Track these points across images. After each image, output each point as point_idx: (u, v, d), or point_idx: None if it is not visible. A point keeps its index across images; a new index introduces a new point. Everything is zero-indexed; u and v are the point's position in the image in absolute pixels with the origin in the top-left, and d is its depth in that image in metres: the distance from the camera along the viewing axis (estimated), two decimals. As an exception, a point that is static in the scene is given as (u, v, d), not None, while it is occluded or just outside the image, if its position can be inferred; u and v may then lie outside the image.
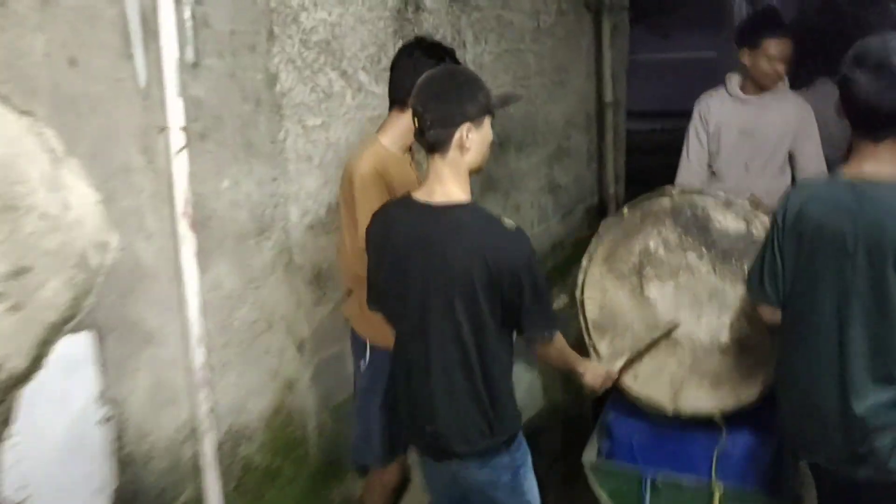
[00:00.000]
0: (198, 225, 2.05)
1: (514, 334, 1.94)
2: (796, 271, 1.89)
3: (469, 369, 1.83)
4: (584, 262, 2.59)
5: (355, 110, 2.76)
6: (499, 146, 3.98)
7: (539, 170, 4.49)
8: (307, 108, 2.53)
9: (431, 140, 1.78)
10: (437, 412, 1.87)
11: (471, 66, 3.60)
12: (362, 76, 2.78)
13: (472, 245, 1.78)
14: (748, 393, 2.32)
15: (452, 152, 1.78)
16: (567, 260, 4.99)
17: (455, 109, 1.76)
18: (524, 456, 2.00)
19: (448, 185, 1.81)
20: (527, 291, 1.79)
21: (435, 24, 3.23)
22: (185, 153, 1.98)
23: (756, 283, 2.02)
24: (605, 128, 5.17)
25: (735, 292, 2.36)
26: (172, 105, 1.93)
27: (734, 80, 3.19)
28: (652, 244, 2.49)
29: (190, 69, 2.02)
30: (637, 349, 2.40)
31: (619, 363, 2.34)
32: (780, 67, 3.01)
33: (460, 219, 1.81)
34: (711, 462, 2.40)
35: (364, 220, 2.05)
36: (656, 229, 2.50)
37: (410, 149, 2.37)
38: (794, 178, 3.16)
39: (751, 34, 3.06)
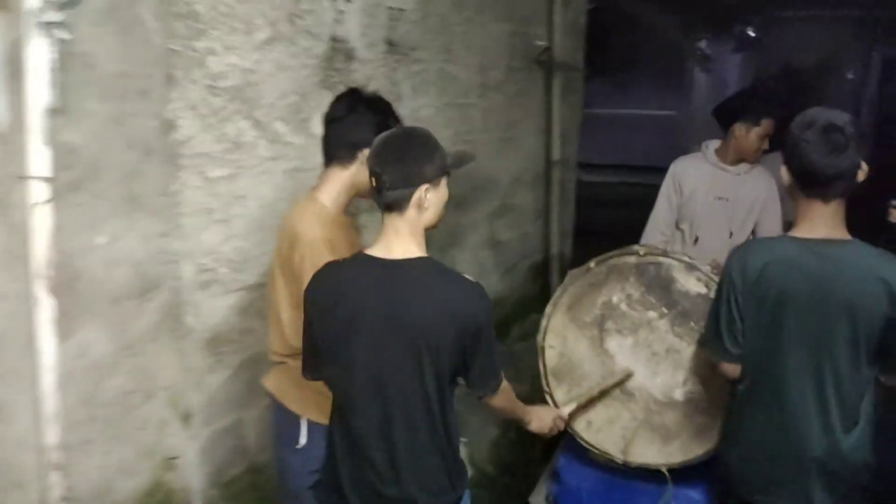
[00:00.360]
0: (62, 285, 1.83)
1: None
2: (758, 329, 1.99)
3: (433, 425, 1.81)
4: (549, 309, 2.64)
5: (269, 162, 2.57)
6: (435, 202, 3.84)
7: (480, 225, 4.34)
8: (210, 158, 2.34)
9: (390, 200, 1.77)
10: (402, 473, 1.81)
11: (408, 121, 3.46)
12: (280, 126, 2.60)
13: (438, 300, 1.77)
14: (697, 450, 2.39)
15: (411, 211, 1.79)
16: (507, 318, 4.83)
17: (414, 171, 1.77)
18: None
19: (406, 241, 1.80)
20: (483, 345, 1.81)
21: (368, 74, 3.07)
22: (48, 206, 1.76)
23: (714, 340, 2.09)
24: (553, 185, 5.06)
25: (691, 352, 2.45)
26: (35, 152, 1.73)
27: (711, 147, 3.31)
28: (615, 298, 2.57)
29: (63, 114, 1.81)
30: (589, 395, 2.45)
31: (570, 408, 2.40)
32: (766, 144, 3.19)
33: (423, 273, 1.79)
34: None
35: None
36: (620, 284, 2.57)
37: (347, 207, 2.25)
38: None
39: (752, 111, 3.16)
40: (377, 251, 1.80)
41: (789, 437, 1.98)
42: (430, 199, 1.79)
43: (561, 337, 2.60)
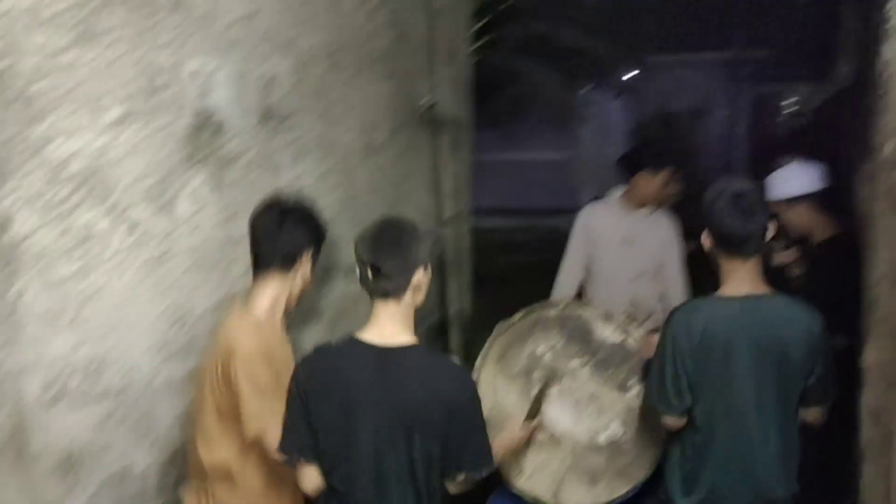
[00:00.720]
0: None
1: None
2: (707, 385, 2.23)
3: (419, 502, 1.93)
4: (478, 361, 2.78)
5: (127, 252, 2.32)
6: (323, 273, 3.64)
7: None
8: (56, 255, 2.07)
9: (390, 288, 1.91)
10: None
11: (289, 191, 3.29)
12: (138, 212, 2.36)
13: (431, 386, 1.88)
14: (621, 489, 2.60)
15: (407, 296, 1.94)
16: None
17: (411, 258, 1.92)
18: None
19: (400, 326, 1.95)
20: (472, 426, 1.94)
21: (240, 147, 2.88)
22: None
23: (660, 396, 2.30)
24: (447, 243, 4.96)
25: (611, 397, 2.69)
26: None
27: (616, 193, 3.63)
28: (540, 349, 2.77)
29: None
30: (531, 407, 2.56)
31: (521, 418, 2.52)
32: (667, 191, 3.52)
33: (416, 360, 1.93)
34: None
35: (253, 404, 2.01)
36: (544, 336, 2.79)
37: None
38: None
39: (652, 160, 3.48)
40: (371, 336, 1.94)
41: (752, 480, 2.24)
42: (423, 282, 1.96)
43: (491, 388, 2.73)
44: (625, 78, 11.53)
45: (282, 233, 2.26)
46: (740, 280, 2.23)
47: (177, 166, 2.53)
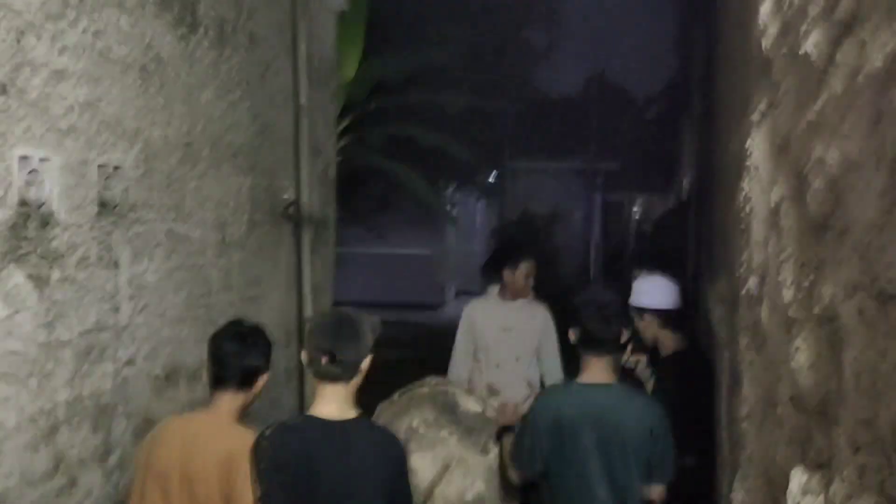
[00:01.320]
0: None
1: None
2: (559, 455, 2.62)
3: None
4: None
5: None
6: (165, 379, 3.33)
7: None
8: None
9: (342, 373, 2.20)
10: None
11: (127, 288, 3.01)
12: (-63, 314, 2.05)
13: (379, 451, 2.25)
14: None
15: (356, 379, 2.25)
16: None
17: (363, 346, 2.23)
18: None
19: (348, 403, 2.26)
20: (402, 480, 2.33)
21: (72, 241, 2.62)
22: None
23: (514, 457, 2.78)
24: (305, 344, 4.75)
25: (475, 460, 3.07)
26: None
27: (494, 290, 4.10)
28: (415, 422, 3.12)
29: None
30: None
31: None
32: (531, 281, 3.97)
33: (362, 430, 2.28)
34: None
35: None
36: (418, 410, 3.15)
37: None
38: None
39: (510, 259, 3.97)
40: (324, 412, 2.23)
41: None
42: (365, 372, 2.26)
43: None
44: (490, 180, 11.98)
45: (243, 353, 2.49)
46: (596, 371, 2.66)
47: (-8, 262, 2.25)
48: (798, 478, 1.02)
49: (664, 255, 5.73)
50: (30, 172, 2.39)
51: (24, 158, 2.35)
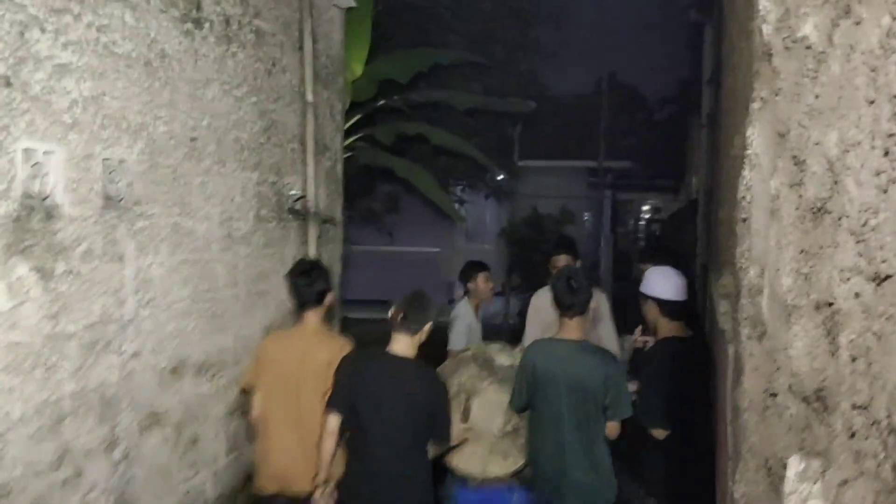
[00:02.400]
0: None
1: None
2: (536, 394, 3.38)
3: (414, 455, 3.22)
4: None
5: (-79, 352, 2.00)
6: (171, 372, 3.34)
7: (227, 393, 3.87)
8: None
9: (410, 328, 3.22)
10: (397, 491, 3.15)
11: (133, 282, 3.02)
12: (-59, 305, 2.06)
13: (426, 382, 3.22)
14: (522, 460, 3.68)
15: (417, 336, 3.24)
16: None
17: (426, 315, 3.26)
18: None
19: (410, 350, 3.24)
20: (441, 410, 3.23)
21: (76, 234, 2.62)
22: None
23: (512, 397, 3.54)
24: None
25: (507, 403, 3.75)
26: None
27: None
28: (464, 378, 3.90)
29: None
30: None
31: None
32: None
33: (413, 366, 3.23)
34: None
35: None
36: (465, 368, 3.98)
37: None
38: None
39: (551, 252, 4.81)
40: (394, 350, 3.23)
41: (563, 465, 3.30)
42: (427, 331, 3.27)
43: None
44: (497, 179, 11.94)
45: (312, 280, 3.45)
46: (567, 330, 3.35)
47: (-3, 255, 2.25)
48: (795, 466, 1.00)
49: (673, 251, 5.77)
50: (33, 165, 2.40)
51: (27, 151, 2.36)
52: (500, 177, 11.89)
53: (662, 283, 3.58)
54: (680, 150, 15.42)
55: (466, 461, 3.78)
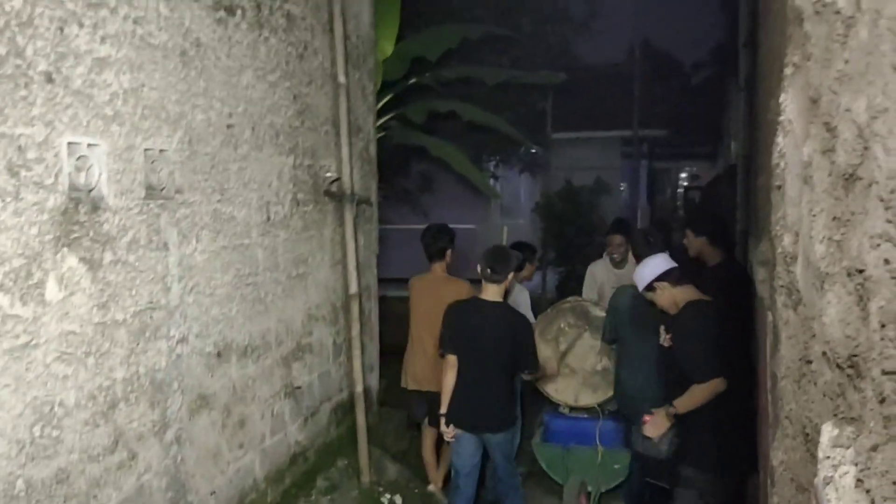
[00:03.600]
0: None
1: None
2: (623, 330, 4.49)
3: (503, 383, 4.20)
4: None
5: (-15, 342, 2.10)
6: (216, 356, 3.44)
7: (272, 373, 3.97)
8: None
9: (496, 278, 4.13)
10: (485, 409, 4.17)
11: (177, 269, 3.11)
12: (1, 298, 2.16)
13: (508, 322, 4.12)
14: (609, 393, 4.72)
15: (504, 284, 4.15)
16: (309, 470, 4.41)
17: (508, 265, 4.18)
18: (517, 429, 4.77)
19: (498, 296, 4.17)
20: (526, 346, 4.17)
21: (121, 224, 2.71)
22: None
23: (604, 335, 4.69)
24: (352, 319, 4.83)
25: (601, 346, 4.84)
26: None
27: (606, 256, 5.74)
28: (562, 325, 5.00)
29: None
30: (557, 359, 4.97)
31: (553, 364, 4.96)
32: (623, 250, 5.52)
33: (502, 308, 4.17)
34: (596, 435, 4.71)
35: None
36: (563, 317, 5.04)
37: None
38: None
39: (608, 233, 5.81)
40: (485, 296, 4.17)
41: (641, 386, 4.30)
42: (511, 281, 4.25)
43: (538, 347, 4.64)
44: (531, 152, 11.86)
45: (435, 237, 4.84)
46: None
47: (46, 247, 2.34)
48: (829, 432, 1.01)
49: (720, 216, 5.80)
50: (78, 158, 2.48)
51: (72, 145, 2.43)
52: (534, 150, 11.81)
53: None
54: (717, 116, 15.11)
55: (563, 391, 4.91)
